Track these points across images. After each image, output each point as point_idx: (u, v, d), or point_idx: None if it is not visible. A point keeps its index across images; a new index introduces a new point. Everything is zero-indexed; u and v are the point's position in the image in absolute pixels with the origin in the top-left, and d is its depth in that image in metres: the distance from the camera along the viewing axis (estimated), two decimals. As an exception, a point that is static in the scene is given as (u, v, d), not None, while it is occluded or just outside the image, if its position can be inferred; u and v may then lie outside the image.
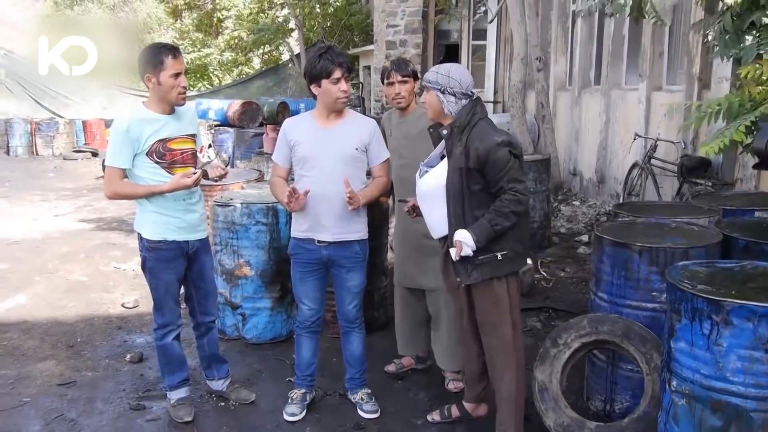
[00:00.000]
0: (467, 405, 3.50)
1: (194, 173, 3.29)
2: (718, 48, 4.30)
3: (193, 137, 3.42)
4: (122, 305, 5.34)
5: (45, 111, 20.47)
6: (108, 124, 18.81)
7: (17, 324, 4.93)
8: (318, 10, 24.25)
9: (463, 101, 3.04)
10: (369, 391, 3.70)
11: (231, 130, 14.14)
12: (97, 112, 19.92)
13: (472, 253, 2.96)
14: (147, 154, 3.24)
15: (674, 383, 2.67)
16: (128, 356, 4.32)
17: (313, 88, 3.35)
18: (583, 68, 9.95)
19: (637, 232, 3.56)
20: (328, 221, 3.38)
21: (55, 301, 5.46)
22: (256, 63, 27.77)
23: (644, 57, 8.00)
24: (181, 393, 3.58)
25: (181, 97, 3.28)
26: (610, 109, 8.95)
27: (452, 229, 3.03)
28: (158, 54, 3.20)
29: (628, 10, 5.16)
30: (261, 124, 15.70)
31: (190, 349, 4.12)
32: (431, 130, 3.21)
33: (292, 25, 24.22)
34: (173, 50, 3.25)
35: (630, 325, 3.24)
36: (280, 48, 25.73)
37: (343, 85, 3.31)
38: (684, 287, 2.62)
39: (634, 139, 7.77)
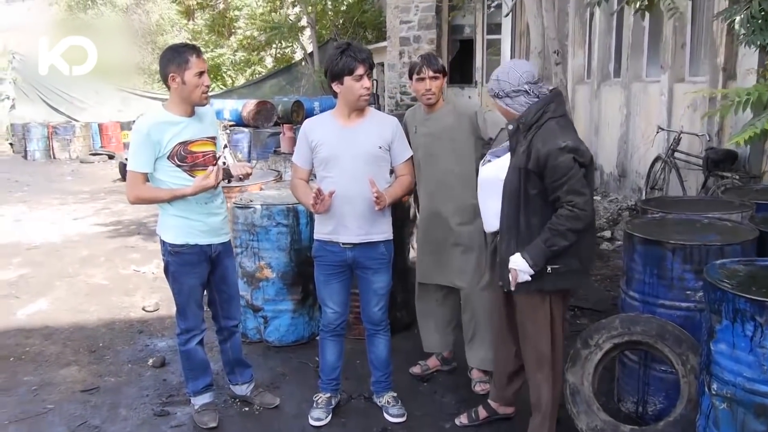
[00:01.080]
0: (493, 403, 3.42)
1: (211, 170, 3.23)
2: (744, 36, 4.18)
3: (213, 139, 3.38)
4: (143, 309, 5.32)
5: (61, 115, 20.61)
6: (124, 126, 18.90)
7: (39, 329, 4.92)
8: (330, 7, 24.18)
9: (521, 98, 2.85)
10: (395, 394, 3.63)
11: (246, 129, 14.13)
12: (112, 115, 20.01)
13: (529, 278, 2.82)
14: (168, 158, 3.20)
15: (714, 386, 2.58)
16: (150, 361, 4.28)
17: (335, 86, 3.27)
18: (602, 61, 9.80)
19: (669, 229, 3.46)
20: (352, 222, 3.31)
21: (77, 306, 5.45)
22: (269, 62, 27.76)
23: (666, 48, 7.85)
24: (205, 398, 3.54)
25: (205, 96, 3.24)
26: (631, 102, 8.81)
27: (503, 230, 2.91)
28: (183, 53, 3.17)
29: (638, 5, 5.04)
30: (276, 124, 15.65)
31: (213, 353, 4.08)
32: (505, 126, 3.09)
33: (304, 22, 24.16)
34: (196, 49, 3.22)
35: (664, 325, 3.15)
36: (294, 46, 25.68)
37: (366, 82, 3.23)
38: (724, 287, 2.52)
39: (657, 132, 7.63)
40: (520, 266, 2.81)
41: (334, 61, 3.22)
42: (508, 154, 2.95)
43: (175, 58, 3.16)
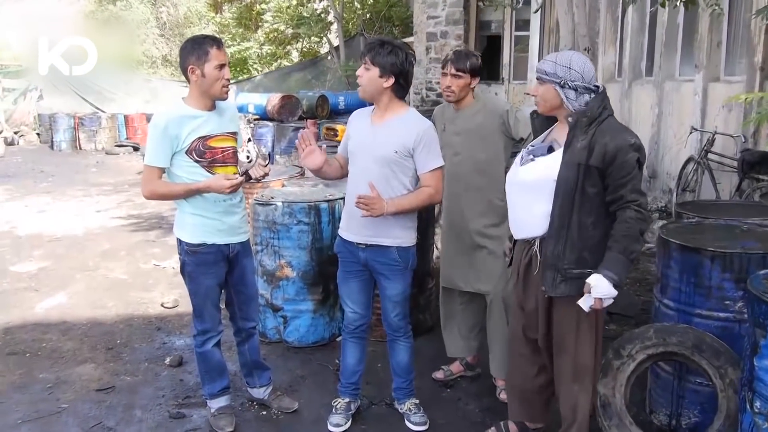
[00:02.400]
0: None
1: (238, 179, 3.11)
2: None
3: (234, 135, 3.26)
4: (162, 305, 5.25)
5: (89, 106, 20.76)
6: (149, 118, 18.98)
7: (57, 324, 4.87)
8: (357, 2, 24.06)
9: (586, 96, 2.67)
10: (417, 401, 3.51)
11: (270, 124, 14.06)
12: (140, 106, 20.09)
13: (612, 301, 2.62)
14: (186, 153, 3.09)
15: (758, 404, 2.43)
16: (168, 360, 4.20)
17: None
18: (633, 59, 9.56)
19: (707, 235, 3.31)
20: (359, 222, 3.16)
21: (96, 301, 5.40)
22: (295, 56, 27.74)
23: (700, 47, 7.62)
24: (221, 402, 3.44)
25: (225, 90, 3.13)
26: (663, 102, 8.58)
27: (551, 231, 2.70)
28: (202, 44, 3.05)
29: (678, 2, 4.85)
30: (300, 118, 15.59)
31: (230, 353, 4.00)
32: (534, 116, 2.91)
33: (331, 17, 24.07)
34: (216, 41, 3.11)
35: (701, 336, 2.99)
36: (321, 40, 25.61)
37: (361, 71, 3.16)
38: (770, 300, 2.37)
39: (691, 132, 7.41)
40: (603, 289, 2.56)
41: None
42: (557, 152, 2.73)
43: (194, 49, 3.05)
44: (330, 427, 3.38)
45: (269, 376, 3.65)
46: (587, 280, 2.60)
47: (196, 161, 3.12)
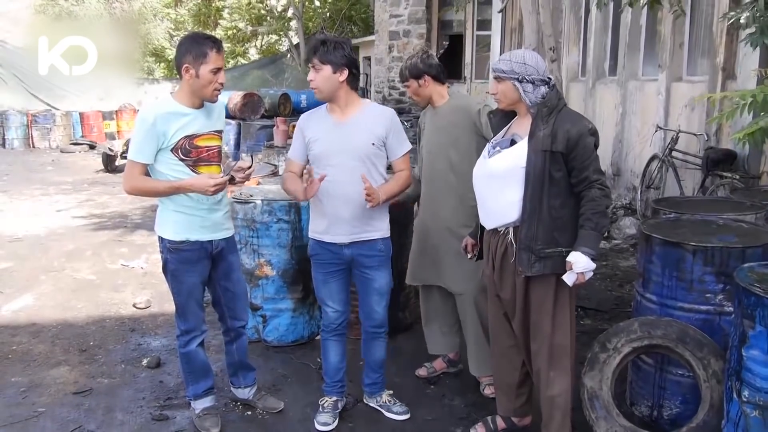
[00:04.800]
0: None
1: (223, 178, 3.05)
2: (749, 36, 4.10)
3: (220, 134, 3.21)
4: (134, 305, 5.14)
5: (40, 103, 20.16)
6: (105, 116, 18.55)
7: (26, 327, 4.71)
8: (317, 1, 23.96)
9: (542, 88, 2.84)
10: (391, 392, 3.58)
11: (232, 122, 13.87)
12: (93, 103, 19.61)
13: (592, 274, 2.79)
14: (172, 150, 3.02)
15: (746, 393, 2.50)
16: (145, 361, 4.11)
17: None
18: (597, 59, 9.73)
19: (686, 230, 3.38)
20: (347, 220, 3.19)
21: (64, 302, 5.25)
22: (253, 54, 27.47)
23: (663, 47, 7.79)
24: (206, 402, 3.38)
25: (216, 93, 3.06)
26: (627, 101, 8.75)
27: (524, 216, 2.82)
28: (202, 45, 2.97)
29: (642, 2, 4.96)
30: (262, 117, 15.41)
31: (212, 352, 3.93)
32: (492, 115, 3.05)
33: (290, 14, 23.91)
34: (217, 44, 3.03)
35: (685, 329, 3.07)
36: (281, 38, 25.42)
37: (312, 75, 3.16)
38: (759, 292, 2.44)
39: (656, 130, 7.57)
40: (583, 263, 2.73)
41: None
42: (522, 142, 2.86)
43: (193, 48, 2.97)
44: (318, 426, 3.36)
45: (254, 377, 3.60)
46: (568, 258, 2.76)
47: (181, 159, 3.05)
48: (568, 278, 2.77)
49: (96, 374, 3.97)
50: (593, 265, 2.75)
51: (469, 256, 3.28)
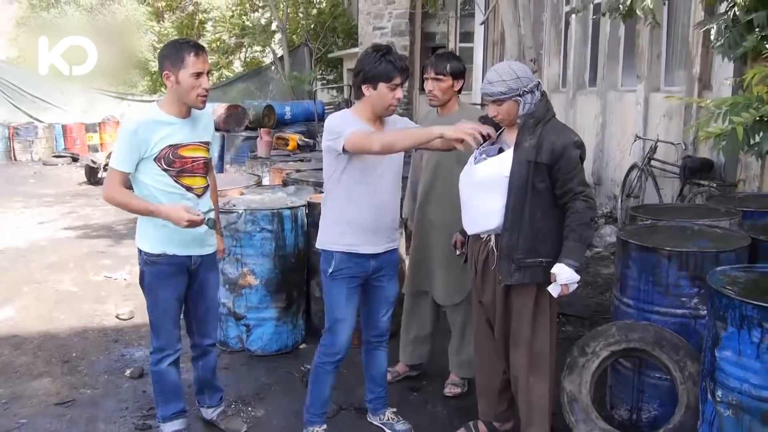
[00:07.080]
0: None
1: (199, 216, 2.93)
2: (719, 47, 4.20)
3: (206, 145, 3.15)
4: (117, 317, 5.12)
5: (23, 115, 20.01)
6: (89, 128, 18.46)
7: (7, 339, 4.69)
8: (301, 14, 24.02)
9: (536, 92, 2.86)
10: (394, 409, 3.52)
11: (216, 134, 13.86)
12: (77, 116, 19.49)
13: (577, 286, 2.82)
14: (155, 160, 2.96)
15: (719, 393, 2.55)
16: (128, 372, 4.11)
17: (366, 89, 3.02)
18: (577, 70, 9.87)
19: (662, 236, 3.45)
20: (385, 232, 3.16)
21: (46, 314, 5.23)
22: (237, 66, 27.47)
23: (641, 58, 7.92)
24: (175, 426, 3.24)
25: (201, 99, 2.98)
26: (607, 111, 8.88)
27: (506, 225, 2.86)
28: (179, 50, 2.92)
29: (622, 8, 5.04)
30: (246, 128, 15.40)
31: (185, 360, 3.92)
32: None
33: (274, 27, 23.96)
34: (196, 47, 2.96)
35: (661, 332, 3.13)
36: (264, 50, 25.45)
37: (399, 93, 3.02)
38: (730, 294, 2.50)
39: (635, 140, 7.69)
40: (567, 275, 2.75)
41: (374, 64, 2.98)
42: (508, 151, 2.89)
43: (170, 54, 2.94)
44: None
45: (221, 397, 3.51)
46: (552, 270, 2.78)
47: (164, 170, 2.98)
48: (553, 290, 2.80)
49: (78, 385, 3.96)
50: (577, 277, 2.78)
51: (457, 252, 3.32)
